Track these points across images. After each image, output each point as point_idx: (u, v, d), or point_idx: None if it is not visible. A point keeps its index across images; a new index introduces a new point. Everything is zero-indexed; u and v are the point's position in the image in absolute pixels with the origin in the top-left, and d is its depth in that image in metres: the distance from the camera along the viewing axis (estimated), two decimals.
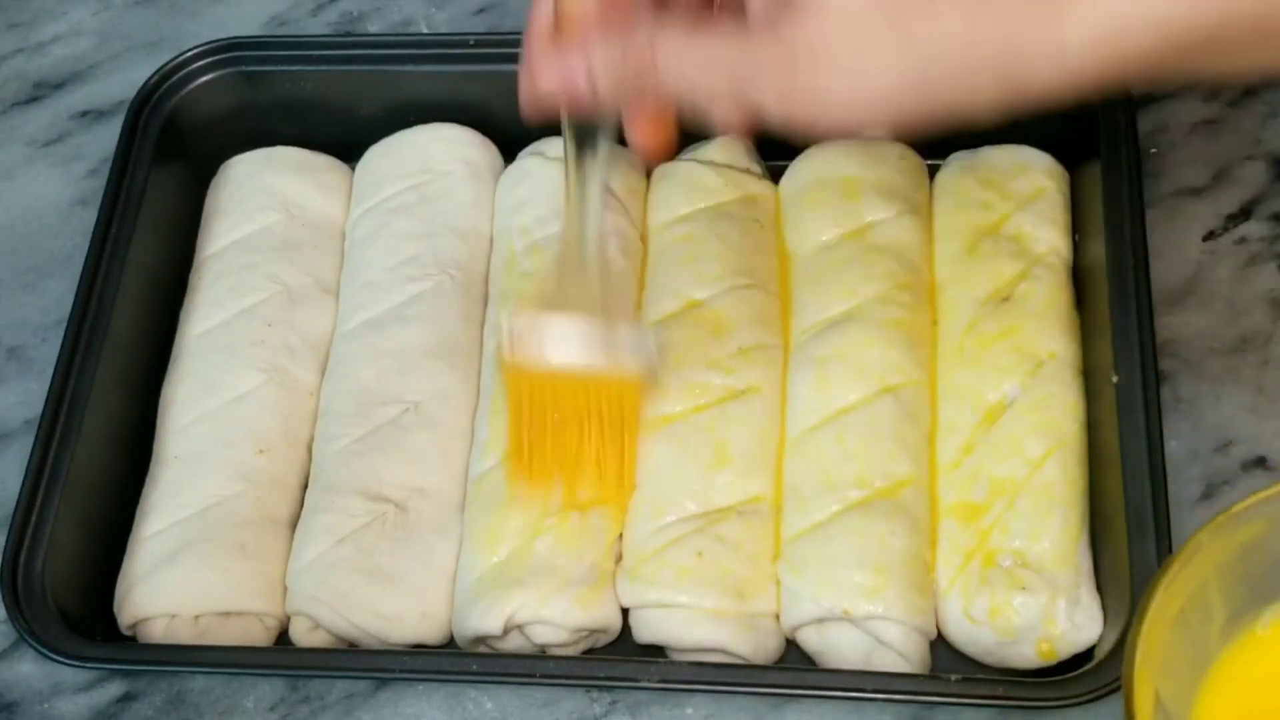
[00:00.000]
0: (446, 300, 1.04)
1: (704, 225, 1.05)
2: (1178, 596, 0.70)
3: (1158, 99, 1.13)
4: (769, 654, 0.93)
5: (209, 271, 1.08)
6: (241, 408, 1.01)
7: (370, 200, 1.10)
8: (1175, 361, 1.02)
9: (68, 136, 1.22)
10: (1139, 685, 0.67)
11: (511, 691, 0.94)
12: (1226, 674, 0.74)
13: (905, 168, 1.07)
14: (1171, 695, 0.70)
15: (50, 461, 0.98)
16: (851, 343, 0.99)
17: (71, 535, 0.97)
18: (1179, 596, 0.70)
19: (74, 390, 1.00)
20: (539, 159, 1.10)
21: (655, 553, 0.94)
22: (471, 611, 0.93)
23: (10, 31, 1.28)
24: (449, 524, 0.98)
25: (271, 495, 0.99)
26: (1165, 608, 0.69)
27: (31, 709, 0.97)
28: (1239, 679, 0.74)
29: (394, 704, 0.95)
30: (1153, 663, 0.68)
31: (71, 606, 0.95)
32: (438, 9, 1.25)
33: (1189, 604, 0.71)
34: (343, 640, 0.95)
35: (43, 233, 1.17)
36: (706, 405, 0.98)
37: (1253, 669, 0.74)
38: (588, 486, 0.95)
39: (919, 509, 0.94)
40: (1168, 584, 0.69)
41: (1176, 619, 0.70)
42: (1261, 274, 1.05)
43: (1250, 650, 0.74)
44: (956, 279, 1.02)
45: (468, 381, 1.03)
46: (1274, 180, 1.09)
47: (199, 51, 1.13)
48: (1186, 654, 0.73)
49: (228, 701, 0.96)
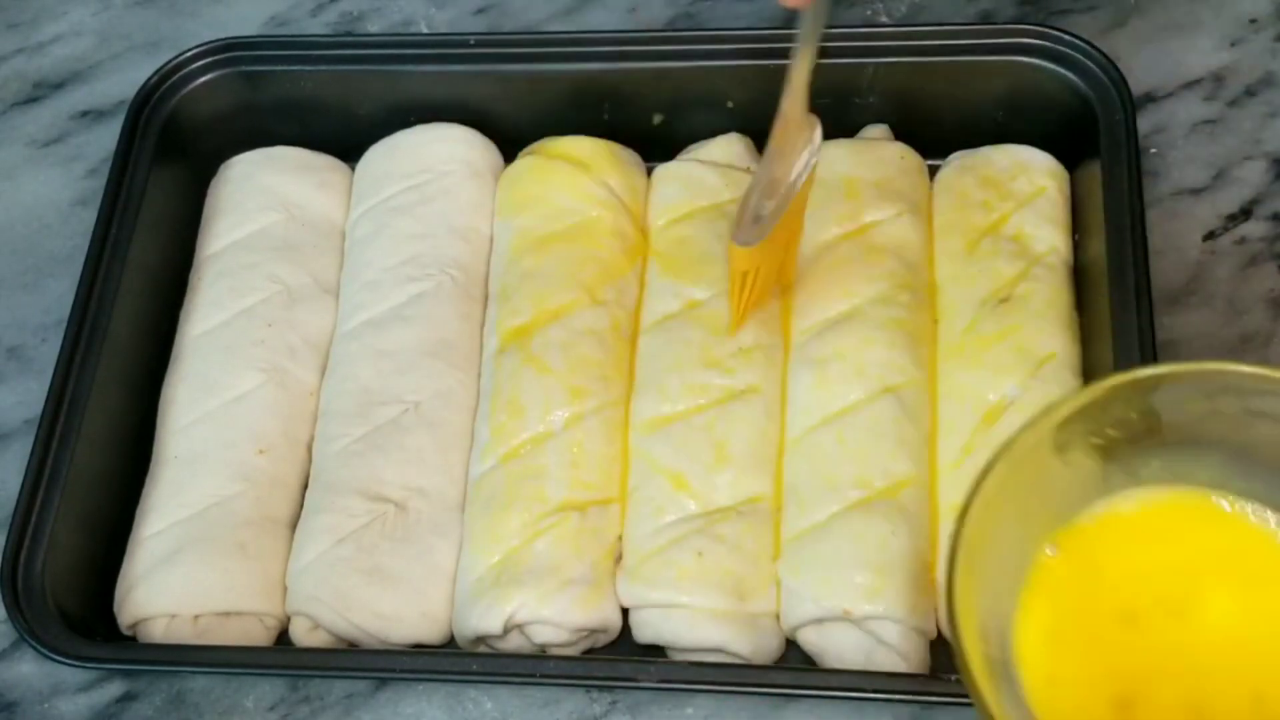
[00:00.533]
0: (446, 300, 1.04)
1: (704, 225, 1.05)
2: (978, 530, 0.70)
3: (1157, 99, 1.13)
4: (769, 654, 0.93)
5: (209, 271, 1.08)
6: (241, 408, 1.01)
7: (370, 200, 1.10)
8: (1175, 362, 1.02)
9: (68, 136, 1.22)
10: (963, 618, 0.67)
11: (511, 691, 0.94)
12: (1031, 597, 0.74)
13: (905, 168, 1.07)
14: (993, 627, 0.71)
15: (50, 461, 0.98)
16: (851, 343, 0.99)
17: (71, 535, 0.97)
18: (979, 529, 0.70)
19: (74, 390, 1.00)
20: (540, 158, 1.10)
21: (655, 552, 0.94)
22: (471, 611, 0.93)
23: (10, 31, 1.28)
24: (449, 524, 0.98)
25: (271, 495, 0.99)
26: (970, 543, 0.69)
27: (31, 709, 0.97)
28: (1041, 599, 0.74)
29: (394, 704, 0.95)
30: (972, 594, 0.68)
31: (71, 606, 0.95)
32: (438, 9, 1.25)
33: (988, 538, 0.71)
34: (343, 640, 0.95)
35: (43, 233, 1.17)
36: (707, 405, 0.98)
37: (1051, 591, 0.75)
38: None
39: (919, 509, 0.94)
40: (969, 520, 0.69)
41: (980, 555, 0.70)
42: (1261, 274, 1.05)
43: (1043, 573, 0.75)
44: (956, 279, 1.02)
45: (468, 381, 1.03)
46: (1274, 180, 1.09)
47: (199, 51, 1.13)
48: (998, 581, 0.73)
49: (228, 701, 0.96)
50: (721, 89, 1.10)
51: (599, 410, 0.99)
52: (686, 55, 1.09)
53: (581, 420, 0.98)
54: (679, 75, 1.10)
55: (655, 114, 1.12)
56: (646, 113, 1.12)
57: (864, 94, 1.10)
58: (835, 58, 1.06)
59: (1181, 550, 0.75)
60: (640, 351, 1.02)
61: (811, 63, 0.89)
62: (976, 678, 0.65)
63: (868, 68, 1.08)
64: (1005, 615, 0.72)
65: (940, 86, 1.08)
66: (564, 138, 1.10)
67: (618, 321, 1.03)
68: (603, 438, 0.98)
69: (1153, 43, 1.16)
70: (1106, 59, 1.05)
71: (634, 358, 1.02)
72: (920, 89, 1.09)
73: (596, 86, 1.10)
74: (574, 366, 1.00)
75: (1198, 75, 1.14)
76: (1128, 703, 0.71)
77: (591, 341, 1.01)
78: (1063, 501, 0.75)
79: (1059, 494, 0.75)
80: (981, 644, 0.67)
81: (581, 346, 1.00)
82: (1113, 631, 0.72)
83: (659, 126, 1.12)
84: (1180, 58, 1.15)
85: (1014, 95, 1.07)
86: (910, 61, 1.07)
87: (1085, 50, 1.05)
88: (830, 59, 1.02)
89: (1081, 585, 0.74)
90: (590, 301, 1.02)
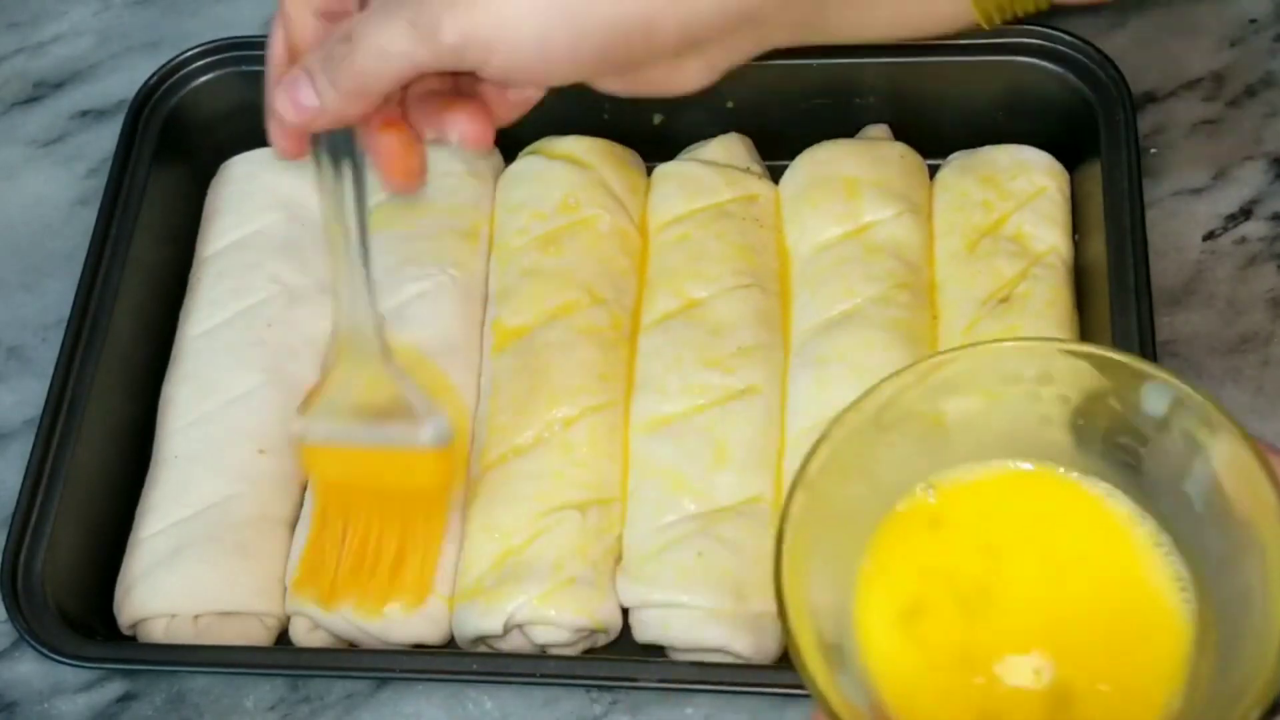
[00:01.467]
0: (446, 300, 1.04)
1: (704, 225, 1.05)
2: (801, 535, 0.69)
3: (1158, 99, 1.13)
4: (769, 654, 0.93)
5: (209, 271, 1.08)
6: (242, 407, 1.01)
7: (370, 200, 1.10)
8: (1175, 361, 1.02)
9: (68, 136, 1.22)
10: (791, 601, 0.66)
11: (511, 691, 0.94)
12: (876, 556, 0.73)
13: (905, 167, 1.07)
14: (828, 619, 0.70)
15: (50, 461, 0.98)
16: (851, 343, 0.99)
17: (71, 535, 0.97)
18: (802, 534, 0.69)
19: (74, 390, 1.00)
20: (539, 158, 1.10)
21: (656, 552, 0.94)
22: (471, 611, 0.93)
23: (10, 31, 1.28)
24: (449, 523, 0.97)
25: (272, 495, 0.99)
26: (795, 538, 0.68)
27: (31, 709, 0.97)
28: (885, 560, 0.72)
29: (394, 704, 0.95)
30: (806, 549, 0.67)
31: (71, 606, 0.95)
32: None
33: (812, 539, 0.70)
34: (343, 640, 0.95)
35: (43, 233, 1.17)
36: (706, 405, 0.98)
37: (894, 545, 0.72)
38: (382, 594, 0.92)
39: None
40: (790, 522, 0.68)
41: (808, 546, 0.69)
42: (1261, 274, 1.05)
43: (882, 549, 0.72)
44: (956, 278, 1.02)
45: (467, 381, 1.03)
46: (1274, 180, 1.09)
47: (199, 51, 1.13)
48: (834, 560, 0.72)
49: (228, 701, 0.96)
50: (721, 89, 1.09)
51: (599, 410, 0.99)
52: None
53: (581, 420, 0.98)
54: None
55: (655, 114, 1.12)
56: (646, 113, 1.12)
57: (864, 94, 1.09)
58: (835, 57, 1.07)
59: (1013, 519, 0.73)
60: (640, 351, 1.02)
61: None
62: (806, 658, 0.64)
63: (868, 68, 1.08)
64: (843, 595, 0.71)
65: (940, 86, 1.08)
66: (564, 137, 1.10)
67: (617, 321, 1.03)
68: (603, 437, 0.98)
69: (1153, 43, 1.16)
70: (1106, 59, 1.05)
71: (634, 357, 1.02)
72: (920, 89, 1.09)
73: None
74: (574, 366, 0.99)
75: (1198, 75, 1.14)
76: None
77: (591, 341, 1.01)
78: (896, 478, 0.74)
79: (894, 470, 0.73)
80: (813, 623, 0.67)
81: (581, 346, 1.00)
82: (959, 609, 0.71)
83: (659, 126, 1.12)
84: (1180, 58, 1.15)
85: (1014, 95, 1.07)
86: (910, 61, 1.07)
87: (1085, 50, 1.05)
88: (830, 59, 1.03)
89: (919, 558, 0.71)
90: (590, 301, 1.02)
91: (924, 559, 0.71)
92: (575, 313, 1.02)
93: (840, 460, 0.69)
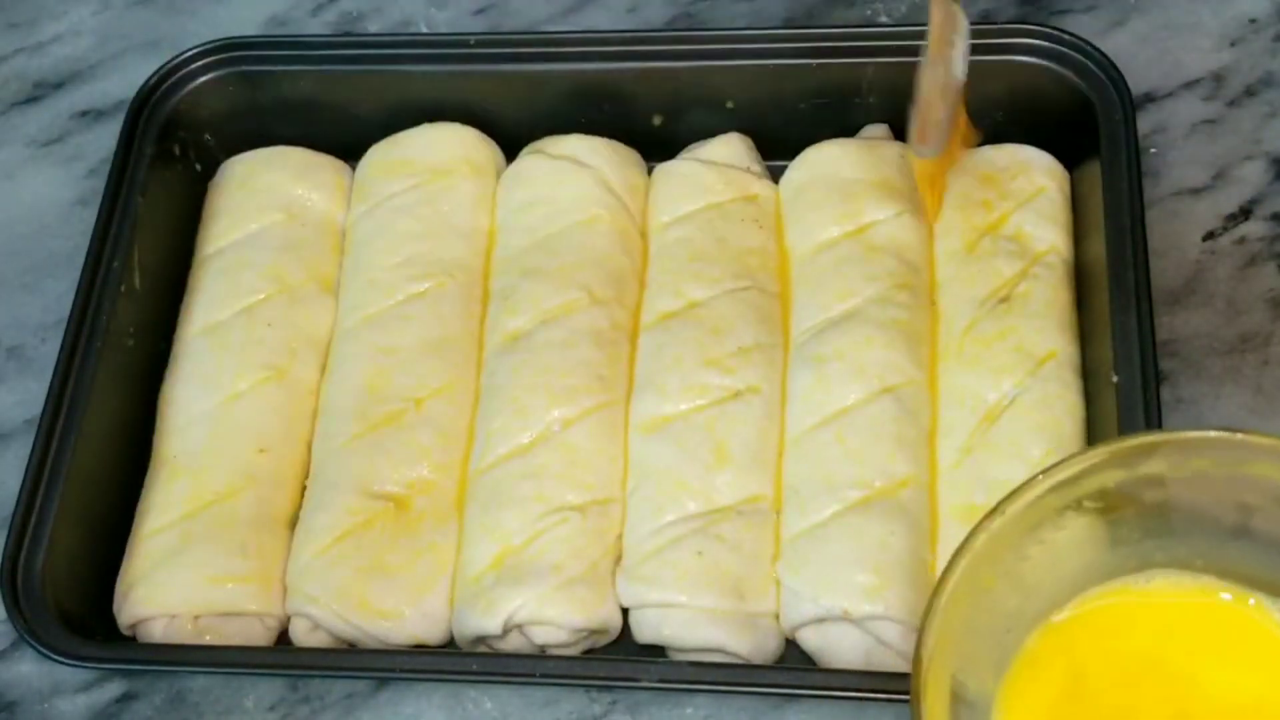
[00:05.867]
0: (447, 299, 1.04)
1: (704, 225, 1.05)
2: (967, 590, 0.70)
3: (1157, 99, 1.13)
4: (769, 654, 0.93)
5: (209, 271, 1.08)
6: (242, 406, 1.01)
7: (371, 200, 1.10)
8: (1175, 361, 1.02)
9: (68, 136, 1.22)
10: (931, 680, 0.67)
11: (511, 691, 0.94)
12: (1029, 663, 0.74)
13: (905, 168, 1.07)
14: (975, 686, 0.71)
15: (50, 461, 0.98)
16: (851, 342, 0.99)
17: (71, 535, 0.97)
18: (968, 589, 0.70)
19: (74, 390, 1.00)
20: (540, 157, 1.10)
21: (655, 552, 0.94)
22: (471, 611, 0.93)
23: (10, 31, 1.28)
24: (449, 523, 0.98)
25: (272, 494, 0.99)
26: (955, 601, 0.69)
27: (31, 709, 0.97)
28: (1041, 667, 0.74)
29: (394, 704, 0.95)
30: (948, 654, 0.68)
31: (71, 606, 0.95)
32: (438, 9, 1.25)
33: (980, 596, 0.71)
34: (342, 640, 0.95)
35: (43, 233, 1.17)
36: (706, 405, 0.98)
37: (1054, 658, 0.74)
38: None
39: (919, 509, 0.94)
40: (955, 580, 0.69)
41: (969, 610, 0.70)
42: (1261, 274, 1.05)
43: (1050, 639, 0.75)
44: (956, 278, 1.02)
45: (467, 379, 1.03)
46: (1274, 180, 1.09)
47: (199, 51, 1.13)
48: (985, 644, 0.73)
49: (228, 701, 0.96)
50: (721, 89, 1.10)
51: (599, 410, 0.99)
52: (686, 55, 1.09)
53: (581, 420, 0.98)
54: (679, 75, 1.10)
55: (655, 114, 1.12)
56: (646, 113, 1.12)
57: (864, 94, 1.10)
58: (835, 58, 1.07)
59: (1179, 641, 0.75)
60: (640, 351, 1.02)
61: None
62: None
63: (868, 68, 1.08)
64: (986, 695, 0.72)
65: None
66: (564, 137, 1.10)
67: (618, 321, 1.03)
68: (603, 437, 0.98)
69: (1153, 43, 1.16)
70: (1106, 59, 1.05)
71: (634, 357, 1.02)
72: None
73: (596, 86, 1.10)
74: (574, 366, 1.00)
75: (1198, 75, 1.14)
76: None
77: (591, 341, 1.01)
78: (1055, 583, 0.75)
79: (1051, 575, 0.75)
80: None
81: (581, 346, 1.00)
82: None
83: (659, 126, 1.12)
84: (1180, 58, 1.15)
85: (1014, 95, 1.07)
86: (910, 61, 1.07)
87: (1085, 50, 1.05)
88: (830, 59, 1.03)
89: (1072, 670, 0.74)
90: (590, 301, 1.02)
91: (1080, 668, 0.72)
92: (575, 313, 1.02)
93: (986, 562, 0.69)
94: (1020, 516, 0.71)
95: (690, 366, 0.99)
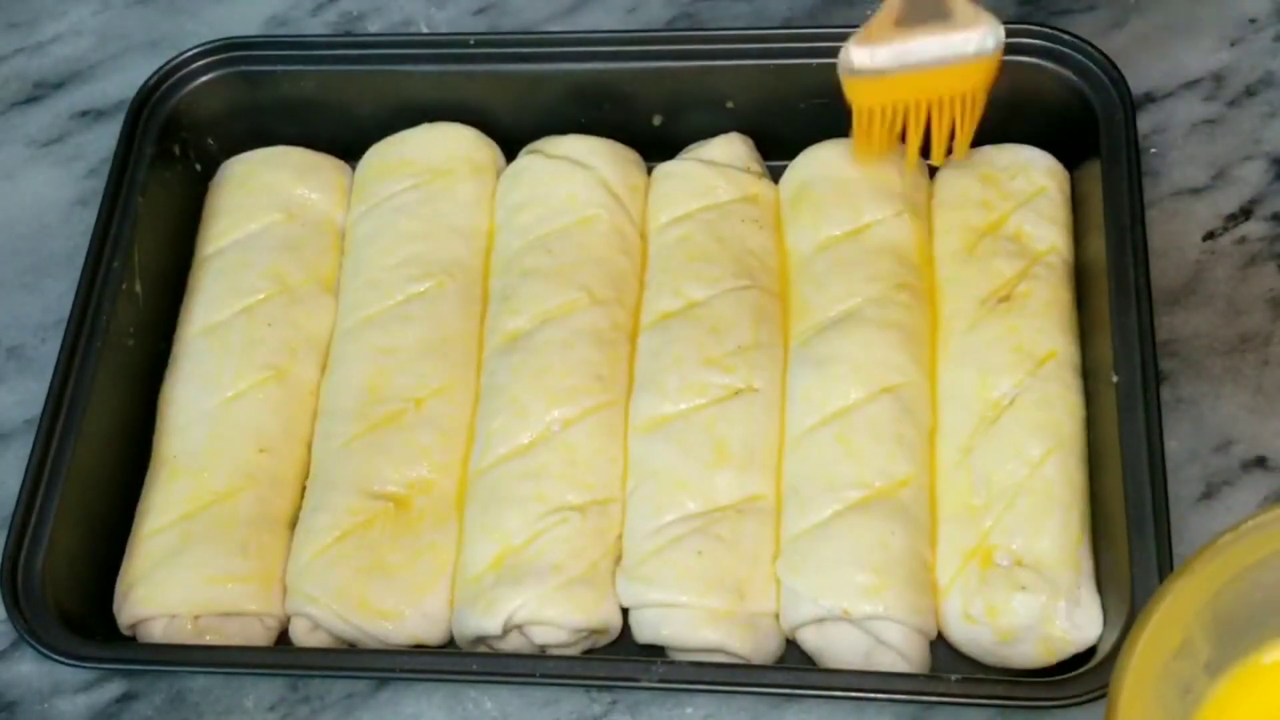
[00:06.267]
0: (447, 299, 1.05)
1: (704, 225, 1.05)
2: (1162, 639, 0.70)
3: (1157, 99, 1.13)
4: (769, 654, 0.93)
5: (209, 271, 1.08)
6: (242, 406, 1.01)
7: (371, 200, 1.10)
8: (1175, 361, 1.02)
9: (68, 136, 1.22)
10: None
11: (511, 691, 0.94)
12: (1223, 708, 0.74)
13: (904, 168, 1.07)
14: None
15: (50, 461, 0.98)
16: (851, 343, 0.99)
17: (71, 535, 0.97)
18: (1163, 638, 0.70)
19: (74, 390, 1.00)
20: (540, 157, 1.10)
21: (655, 552, 0.94)
22: (471, 611, 0.93)
23: (10, 31, 1.28)
24: (448, 523, 0.98)
25: (272, 493, 0.99)
26: (1150, 651, 0.69)
27: (31, 709, 0.97)
28: (1239, 712, 0.74)
29: (394, 704, 0.95)
30: (1139, 703, 0.68)
31: (71, 606, 0.95)
32: (438, 9, 1.25)
33: (1174, 644, 0.71)
34: (342, 640, 0.95)
35: (43, 233, 1.17)
36: (706, 404, 0.98)
37: (1254, 701, 0.74)
38: None
39: (919, 509, 0.94)
40: (1150, 628, 0.69)
41: (1161, 660, 0.70)
42: (1261, 274, 1.05)
43: (1250, 683, 0.74)
44: (956, 278, 1.02)
45: (467, 379, 1.03)
46: (1274, 180, 1.09)
47: (199, 51, 1.13)
48: (1171, 693, 0.72)
49: (228, 701, 0.96)
50: (721, 89, 1.10)
51: (599, 410, 0.99)
52: (686, 55, 1.09)
53: (581, 420, 0.98)
54: (679, 75, 1.10)
55: (655, 114, 1.12)
56: (646, 113, 1.12)
57: None
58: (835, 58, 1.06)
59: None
60: (640, 350, 1.02)
61: None
62: None
63: None
64: None
65: None
66: (564, 137, 1.10)
67: (617, 321, 1.03)
68: (603, 437, 0.98)
69: (1153, 43, 1.16)
70: (1106, 59, 1.05)
71: (633, 357, 1.02)
72: None
73: (596, 86, 1.10)
74: (574, 366, 1.00)
75: (1197, 75, 1.14)
76: None
77: (591, 341, 1.01)
78: None
79: None
80: None
81: (581, 346, 1.00)
82: None
83: (659, 127, 1.12)
84: (1180, 58, 1.15)
85: (1014, 95, 1.07)
86: None
87: (1085, 50, 1.05)
88: (830, 59, 1.02)
89: None
90: (590, 301, 1.02)
91: None
92: (575, 313, 1.02)
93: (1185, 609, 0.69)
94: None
95: (690, 366, 0.99)
